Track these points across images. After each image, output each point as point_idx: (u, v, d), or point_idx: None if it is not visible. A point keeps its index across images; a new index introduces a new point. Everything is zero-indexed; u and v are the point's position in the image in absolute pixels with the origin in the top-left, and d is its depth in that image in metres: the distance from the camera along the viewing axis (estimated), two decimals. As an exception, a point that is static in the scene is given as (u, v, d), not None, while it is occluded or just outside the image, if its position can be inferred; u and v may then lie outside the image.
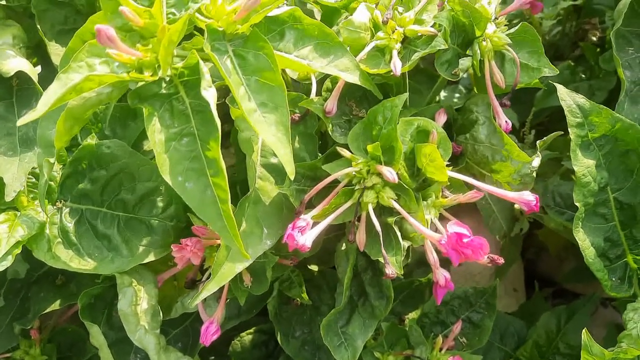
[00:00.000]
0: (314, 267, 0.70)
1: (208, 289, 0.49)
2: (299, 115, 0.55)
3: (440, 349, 0.67)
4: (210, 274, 0.59)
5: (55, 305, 0.65)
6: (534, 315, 0.87)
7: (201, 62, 0.41)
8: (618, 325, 0.99)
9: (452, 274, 0.55)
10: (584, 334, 0.50)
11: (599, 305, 1.01)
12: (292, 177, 0.44)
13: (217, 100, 0.49)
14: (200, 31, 0.47)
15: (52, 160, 0.49)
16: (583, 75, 0.96)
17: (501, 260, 0.47)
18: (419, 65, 1.04)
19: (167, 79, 0.43)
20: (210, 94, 0.40)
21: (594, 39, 0.96)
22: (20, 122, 0.38)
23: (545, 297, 1.07)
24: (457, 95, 1.08)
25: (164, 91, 0.42)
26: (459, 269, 1.09)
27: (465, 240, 0.44)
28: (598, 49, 0.95)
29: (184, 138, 0.42)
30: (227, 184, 0.42)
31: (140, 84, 0.42)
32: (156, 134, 0.42)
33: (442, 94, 1.01)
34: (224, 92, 0.55)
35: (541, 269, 1.14)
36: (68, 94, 0.39)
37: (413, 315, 0.75)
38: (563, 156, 0.88)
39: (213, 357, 0.84)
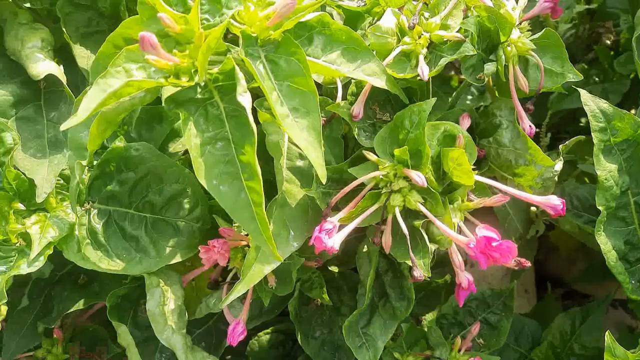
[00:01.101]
0: (334, 269, 0.71)
1: (237, 290, 0.50)
2: (325, 119, 0.56)
3: (459, 350, 0.67)
4: (234, 275, 0.60)
5: (79, 305, 0.66)
6: (547, 317, 0.88)
7: (237, 67, 0.42)
8: (629, 327, 1.00)
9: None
10: (608, 336, 0.51)
11: (609, 307, 1.01)
12: (323, 181, 0.45)
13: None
14: (225, 38, 0.47)
15: (83, 162, 0.50)
16: (597, 79, 0.96)
17: (528, 264, 0.47)
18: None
19: (202, 84, 0.43)
20: (246, 99, 0.41)
21: (608, 42, 0.97)
22: (63, 127, 0.39)
23: (555, 298, 1.08)
24: (469, 97, 1.09)
25: (199, 96, 0.43)
26: (471, 270, 1.10)
27: (494, 244, 0.45)
28: (612, 52, 0.96)
29: (218, 142, 0.43)
30: (262, 187, 0.42)
31: (176, 89, 0.43)
32: (192, 139, 0.42)
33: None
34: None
35: (551, 270, 1.15)
36: (108, 99, 0.40)
37: (431, 316, 0.75)
38: (578, 159, 0.88)
39: (230, 357, 0.85)
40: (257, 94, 0.55)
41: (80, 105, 0.39)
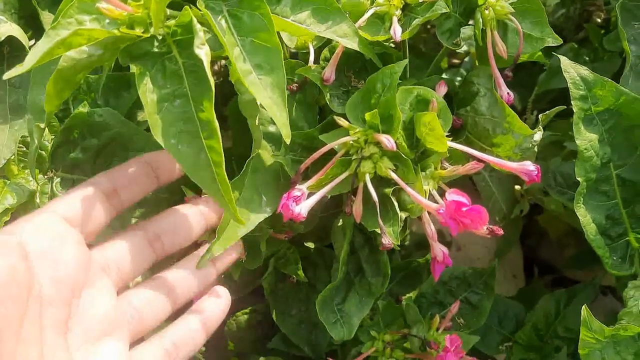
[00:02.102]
0: (311, 245, 0.69)
1: (213, 251, 0.48)
2: (297, 85, 0.54)
3: (438, 329, 0.66)
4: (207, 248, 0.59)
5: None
6: (533, 301, 0.86)
7: (194, 19, 0.40)
8: (618, 314, 0.98)
9: (451, 259, 0.54)
10: (584, 310, 0.49)
11: (599, 293, 1.00)
12: (287, 141, 0.43)
13: (216, 80, 0.47)
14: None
15: (42, 125, 0.48)
16: (587, 58, 0.95)
17: (500, 232, 0.46)
18: (420, 49, 1.02)
19: (160, 37, 0.41)
20: (203, 52, 0.39)
21: (599, 20, 0.95)
22: (6, 75, 0.37)
23: (544, 285, 1.07)
24: (458, 78, 1.07)
25: (156, 50, 0.41)
26: (457, 254, 1.08)
27: (464, 209, 0.43)
28: (602, 31, 0.94)
29: (176, 99, 0.41)
30: (221, 146, 0.41)
31: (133, 43, 0.41)
32: (148, 94, 0.40)
33: (443, 76, 1.00)
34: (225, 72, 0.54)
35: (541, 255, 1.13)
36: (56, 48, 0.38)
37: (410, 295, 0.74)
38: (565, 138, 0.87)
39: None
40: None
41: (28, 55, 0.37)
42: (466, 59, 1.11)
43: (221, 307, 0.49)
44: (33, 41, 0.70)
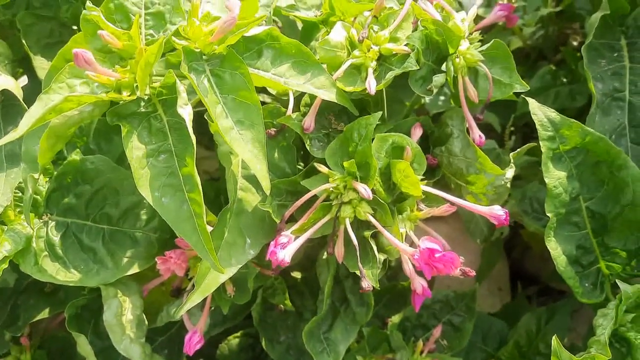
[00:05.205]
0: (297, 274, 0.72)
1: (192, 300, 0.51)
2: (275, 130, 0.56)
3: (422, 352, 0.69)
4: (194, 284, 0.61)
5: (45, 313, 0.67)
6: (517, 315, 0.89)
7: (178, 81, 0.43)
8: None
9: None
10: (554, 341, 0.52)
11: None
12: (267, 192, 0.45)
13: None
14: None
15: (36, 175, 0.50)
16: (564, 79, 0.97)
17: (472, 273, 0.48)
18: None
19: (146, 97, 0.44)
20: (186, 112, 0.42)
21: (575, 43, 0.98)
22: (2, 141, 0.40)
23: (530, 295, 1.09)
24: (442, 98, 1.09)
25: (142, 109, 0.44)
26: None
27: (437, 255, 0.46)
28: (578, 54, 0.97)
29: (161, 155, 0.44)
30: (202, 199, 0.43)
31: (120, 103, 0.44)
32: (134, 151, 0.43)
33: (427, 97, 1.02)
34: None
35: (526, 267, 1.16)
36: (48, 114, 0.41)
37: (395, 318, 0.76)
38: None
39: (201, 360, 0.86)
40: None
41: (21, 120, 0.40)
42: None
43: None
44: (25, 78, 0.72)
